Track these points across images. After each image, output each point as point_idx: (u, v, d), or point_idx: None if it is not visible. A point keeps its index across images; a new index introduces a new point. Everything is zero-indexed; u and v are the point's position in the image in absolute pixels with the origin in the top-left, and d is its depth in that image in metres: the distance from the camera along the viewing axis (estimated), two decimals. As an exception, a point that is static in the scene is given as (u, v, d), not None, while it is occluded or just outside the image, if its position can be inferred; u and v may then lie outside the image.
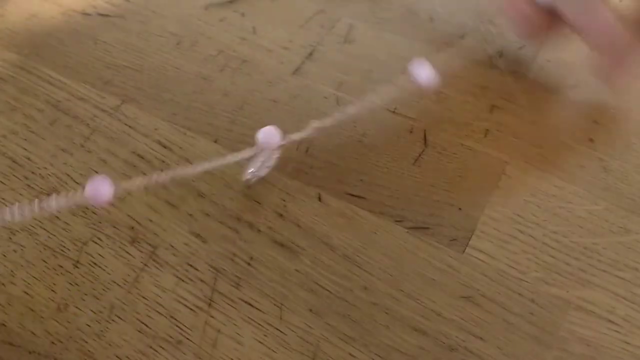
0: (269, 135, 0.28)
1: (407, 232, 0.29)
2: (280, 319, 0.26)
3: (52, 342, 0.26)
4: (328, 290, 0.27)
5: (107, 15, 0.40)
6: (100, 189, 0.24)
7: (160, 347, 0.26)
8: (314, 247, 0.28)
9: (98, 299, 0.27)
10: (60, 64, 0.37)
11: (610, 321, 0.26)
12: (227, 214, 0.29)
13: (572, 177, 0.31)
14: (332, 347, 0.26)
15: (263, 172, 0.30)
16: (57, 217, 0.30)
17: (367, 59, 0.37)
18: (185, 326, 0.26)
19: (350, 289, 0.27)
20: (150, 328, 0.26)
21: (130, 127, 0.33)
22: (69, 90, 0.35)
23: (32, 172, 0.31)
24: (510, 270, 0.28)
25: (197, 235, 0.29)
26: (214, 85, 0.36)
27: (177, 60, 0.37)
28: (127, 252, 0.28)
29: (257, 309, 0.27)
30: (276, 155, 0.29)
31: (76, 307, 0.27)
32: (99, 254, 0.28)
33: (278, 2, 0.41)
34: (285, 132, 0.28)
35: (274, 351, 0.25)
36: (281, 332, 0.26)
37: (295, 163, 0.32)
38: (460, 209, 0.30)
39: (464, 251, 0.28)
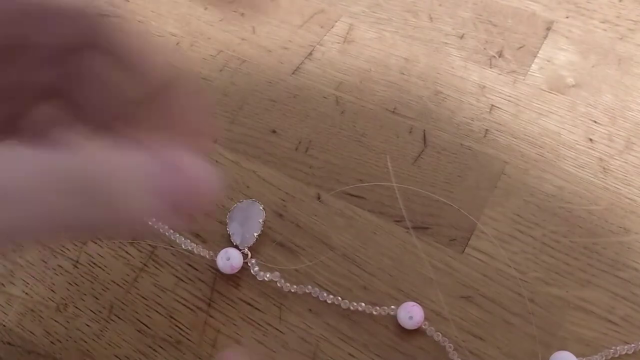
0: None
1: (407, 232, 0.29)
2: (280, 318, 0.26)
3: (52, 342, 0.26)
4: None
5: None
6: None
7: (160, 347, 0.26)
8: (314, 247, 0.28)
9: (97, 299, 0.27)
10: (60, 64, 0.37)
11: (610, 321, 0.26)
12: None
13: (572, 177, 0.31)
14: (332, 347, 0.26)
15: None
16: (57, 217, 0.30)
17: (367, 59, 0.37)
18: (185, 326, 0.26)
19: (350, 288, 0.27)
20: (149, 328, 0.26)
21: (130, 127, 0.33)
22: (69, 90, 0.35)
23: (32, 172, 0.31)
24: (510, 270, 0.28)
25: (197, 235, 0.29)
26: (214, 85, 0.36)
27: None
28: (127, 252, 0.28)
29: (256, 309, 0.27)
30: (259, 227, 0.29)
31: (76, 307, 0.27)
32: (99, 254, 0.28)
33: (278, 2, 0.41)
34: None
35: (273, 351, 0.25)
36: (280, 332, 0.26)
37: (295, 163, 0.32)
38: (460, 209, 0.30)
39: (463, 251, 0.28)
